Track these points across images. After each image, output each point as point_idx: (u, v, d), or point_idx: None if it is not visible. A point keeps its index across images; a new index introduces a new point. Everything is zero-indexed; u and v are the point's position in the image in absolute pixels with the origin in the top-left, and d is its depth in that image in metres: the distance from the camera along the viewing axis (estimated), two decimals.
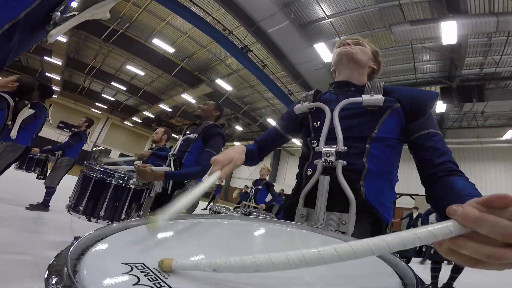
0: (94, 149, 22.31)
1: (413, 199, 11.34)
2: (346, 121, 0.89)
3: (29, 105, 2.49)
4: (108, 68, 15.62)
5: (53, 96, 3.33)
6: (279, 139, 1.16)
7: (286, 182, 17.10)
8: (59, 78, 16.54)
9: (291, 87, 11.74)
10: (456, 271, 3.61)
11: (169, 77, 14.07)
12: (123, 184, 2.03)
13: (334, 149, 0.84)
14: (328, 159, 0.84)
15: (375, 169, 0.85)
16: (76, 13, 0.75)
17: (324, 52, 8.19)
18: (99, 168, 2.03)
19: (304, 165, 0.97)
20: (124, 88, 16.81)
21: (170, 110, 18.25)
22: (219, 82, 12.33)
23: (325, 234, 0.68)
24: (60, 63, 14.03)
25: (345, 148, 0.84)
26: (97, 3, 0.76)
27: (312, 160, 0.92)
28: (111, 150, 23.73)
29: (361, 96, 0.90)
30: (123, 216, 2.01)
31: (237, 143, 20.76)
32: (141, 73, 14.42)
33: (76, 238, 0.39)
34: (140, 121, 23.07)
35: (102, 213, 1.95)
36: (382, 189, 0.87)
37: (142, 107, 20.07)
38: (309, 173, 0.92)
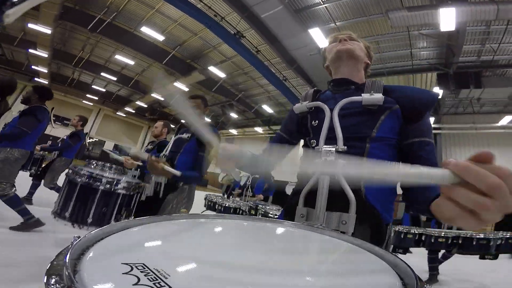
0: (88, 141, 22.01)
1: None
2: (345, 120, 0.89)
3: (11, 108, 2.38)
4: (97, 58, 15.15)
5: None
6: (285, 145, 1.14)
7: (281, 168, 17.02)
8: (46, 71, 16.04)
9: (286, 73, 11.58)
10: (445, 257, 3.64)
11: (161, 66, 13.75)
12: (111, 189, 1.95)
13: (334, 149, 0.84)
14: (328, 158, 0.84)
15: None
16: None
17: (319, 38, 8.05)
18: (85, 172, 1.94)
19: None
20: (115, 79, 16.42)
21: (163, 99, 17.98)
22: (212, 69, 12.09)
23: (325, 233, 0.70)
24: (46, 55, 13.56)
25: (345, 147, 0.85)
26: None
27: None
28: (105, 141, 23.45)
29: (361, 95, 0.90)
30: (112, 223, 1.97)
31: (232, 131, 20.67)
32: (131, 62, 14.04)
33: (76, 238, 0.40)
34: (133, 111, 22.72)
35: (89, 220, 1.88)
36: (382, 188, 0.87)
37: (135, 97, 19.71)
38: None
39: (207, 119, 2.38)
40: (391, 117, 0.88)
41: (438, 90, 9.31)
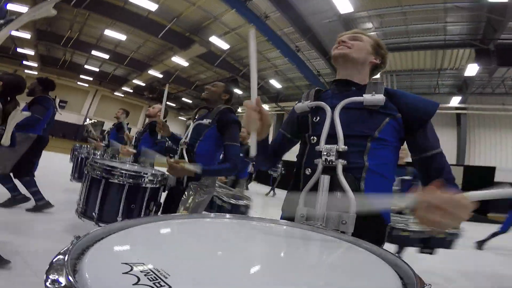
0: (86, 123, 22.27)
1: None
2: (346, 120, 0.94)
3: (18, 108, 2.43)
4: (87, 37, 14.93)
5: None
6: (287, 143, 1.22)
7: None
8: (33, 53, 15.95)
9: (300, 44, 11.08)
10: None
11: (158, 41, 13.45)
12: (139, 184, 1.93)
13: (335, 148, 0.90)
14: (329, 158, 0.91)
15: (375, 168, 0.92)
16: (13, 17, 0.74)
17: (340, 1, 7.43)
18: (106, 167, 1.91)
19: (301, 162, 1.03)
20: (107, 57, 16.27)
21: (161, 76, 17.84)
22: (214, 39, 11.62)
23: (325, 233, 0.75)
24: (28, 37, 13.43)
25: (346, 147, 0.90)
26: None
27: (310, 157, 0.99)
28: (104, 122, 23.87)
29: (362, 96, 0.95)
30: None
31: (238, 110, 20.46)
32: (123, 37, 13.43)
33: (76, 238, 0.42)
34: (131, 91, 22.75)
35: (119, 218, 1.85)
36: (381, 188, 0.93)
37: (132, 75, 19.63)
38: (308, 172, 0.98)
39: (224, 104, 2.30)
40: (393, 123, 0.94)
41: (475, 67, 9.10)
